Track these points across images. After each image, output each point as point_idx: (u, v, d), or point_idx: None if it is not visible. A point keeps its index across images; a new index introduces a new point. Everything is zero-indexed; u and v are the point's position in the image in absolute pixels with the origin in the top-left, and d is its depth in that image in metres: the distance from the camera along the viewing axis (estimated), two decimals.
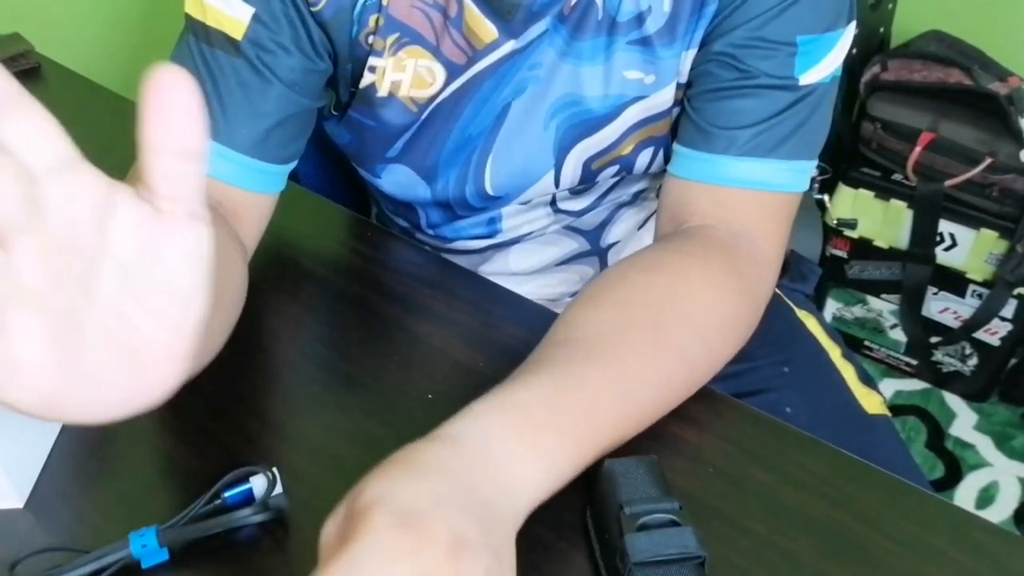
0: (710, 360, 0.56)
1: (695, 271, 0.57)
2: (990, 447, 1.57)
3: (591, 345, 0.50)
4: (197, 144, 0.30)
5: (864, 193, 1.59)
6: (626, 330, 0.52)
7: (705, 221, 0.62)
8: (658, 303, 0.54)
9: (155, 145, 0.30)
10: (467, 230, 0.76)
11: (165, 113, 0.29)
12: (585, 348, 0.50)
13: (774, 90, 0.60)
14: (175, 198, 0.31)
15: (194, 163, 0.31)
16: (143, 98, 0.29)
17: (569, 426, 0.46)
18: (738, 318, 0.58)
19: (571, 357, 0.49)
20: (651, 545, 0.43)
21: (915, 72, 1.52)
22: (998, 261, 1.51)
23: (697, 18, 0.61)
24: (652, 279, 0.56)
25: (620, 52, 0.63)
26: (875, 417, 0.72)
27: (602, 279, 0.57)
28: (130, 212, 0.31)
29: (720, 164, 0.62)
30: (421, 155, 0.68)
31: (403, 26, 0.61)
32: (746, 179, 0.61)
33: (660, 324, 0.53)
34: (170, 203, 0.31)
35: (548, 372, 0.48)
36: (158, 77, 0.29)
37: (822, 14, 0.60)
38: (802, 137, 0.62)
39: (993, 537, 0.49)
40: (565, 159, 0.69)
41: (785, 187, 0.62)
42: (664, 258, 0.59)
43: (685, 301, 0.55)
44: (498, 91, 0.65)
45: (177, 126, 0.30)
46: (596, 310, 0.54)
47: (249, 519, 0.49)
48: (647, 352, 0.52)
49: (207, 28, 0.59)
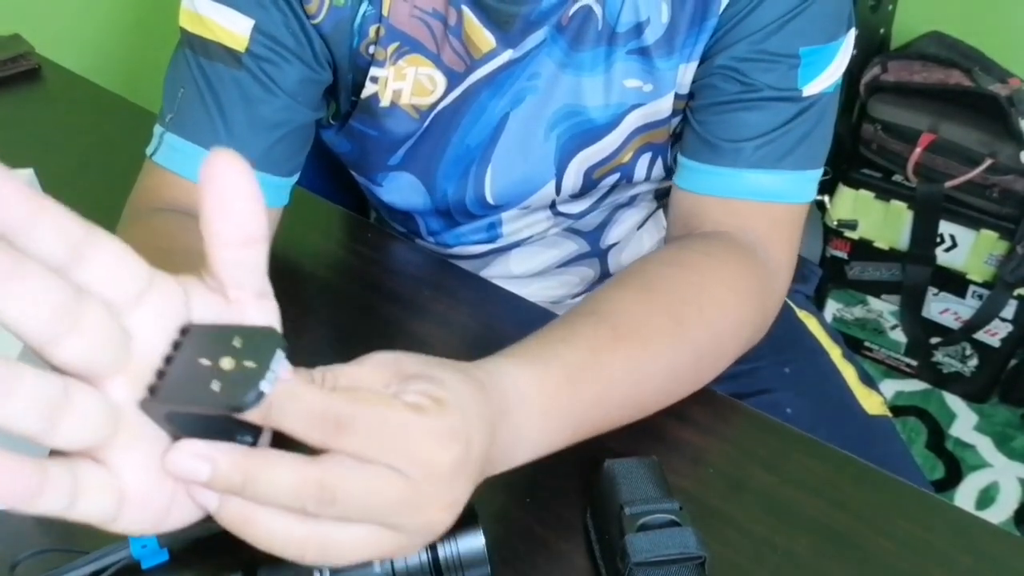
0: (719, 359, 0.57)
1: (714, 271, 0.58)
2: (990, 448, 1.57)
3: (617, 322, 0.51)
4: (259, 229, 0.31)
5: (864, 194, 1.59)
6: (649, 315, 0.53)
7: (719, 228, 0.62)
8: (680, 296, 0.55)
9: (218, 238, 0.31)
10: (467, 236, 0.76)
11: (225, 203, 0.30)
12: (611, 324, 0.51)
13: (778, 102, 0.60)
14: (242, 285, 0.32)
15: (258, 248, 0.31)
16: (202, 190, 0.30)
17: (580, 410, 0.47)
18: (749, 321, 0.59)
19: (598, 334, 0.50)
20: (651, 545, 0.43)
21: (915, 73, 1.52)
22: (998, 262, 1.51)
23: (697, 31, 0.61)
24: (676, 272, 0.57)
25: (620, 62, 0.63)
26: (876, 418, 0.72)
27: (627, 269, 0.58)
28: (206, 309, 0.31)
29: (727, 177, 0.62)
30: (422, 163, 0.68)
31: (403, 35, 0.61)
32: (754, 191, 0.62)
33: (680, 316, 0.53)
34: (237, 291, 0.32)
35: (576, 346, 0.48)
36: (213, 164, 0.29)
37: (824, 25, 0.60)
38: (808, 147, 0.62)
39: (993, 538, 0.49)
40: (566, 169, 0.69)
41: (792, 198, 0.63)
42: (686, 256, 0.59)
43: (704, 298, 0.55)
44: (495, 101, 0.65)
45: (237, 215, 0.30)
46: (623, 291, 0.55)
47: None
48: (665, 341, 0.52)
49: (206, 41, 0.58)
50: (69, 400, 0.27)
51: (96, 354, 0.28)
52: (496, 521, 0.50)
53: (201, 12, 0.58)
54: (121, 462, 0.30)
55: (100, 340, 0.27)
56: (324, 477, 0.32)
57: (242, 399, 0.29)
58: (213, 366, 0.30)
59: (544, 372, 0.45)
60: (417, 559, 0.44)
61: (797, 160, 0.62)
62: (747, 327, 0.59)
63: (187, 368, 0.30)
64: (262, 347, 0.30)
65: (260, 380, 0.29)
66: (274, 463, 0.32)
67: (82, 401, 0.27)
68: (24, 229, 0.26)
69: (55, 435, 0.27)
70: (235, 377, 0.30)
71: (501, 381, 0.43)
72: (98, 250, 0.28)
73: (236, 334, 0.31)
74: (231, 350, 0.30)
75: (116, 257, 0.28)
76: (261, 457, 0.32)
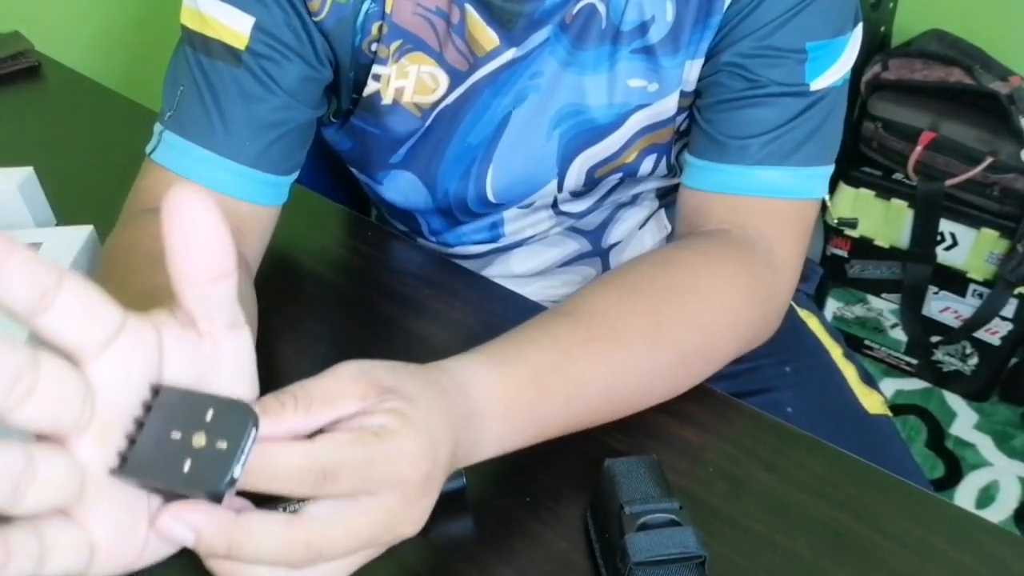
0: (710, 357, 0.56)
1: (706, 269, 0.57)
2: (990, 447, 1.57)
3: (592, 322, 0.51)
4: (227, 265, 0.31)
5: (865, 192, 1.59)
6: (627, 315, 0.53)
7: (721, 226, 0.62)
8: (663, 295, 0.55)
9: (185, 277, 0.30)
10: (469, 235, 0.76)
11: (189, 242, 0.30)
12: (586, 325, 0.51)
13: (785, 97, 0.60)
14: (213, 319, 0.32)
15: (226, 282, 0.31)
16: (164, 227, 0.29)
17: (547, 410, 0.48)
18: (747, 319, 0.58)
19: (572, 334, 0.50)
20: (651, 545, 0.43)
21: (916, 71, 1.52)
22: (999, 260, 1.51)
23: (702, 28, 0.61)
24: (662, 272, 0.57)
25: (624, 61, 0.63)
26: (876, 417, 0.72)
27: (616, 268, 0.58)
28: (179, 345, 0.32)
29: (734, 174, 0.62)
30: (424, 162, 0.68)
31: (406, 33, 0.61)
32: (761, 187, 0.61)
33: (660, 315, 0.53)
34: (207, 324, 0.32)
35: (545, 347, 0.49)
36: (173, 204, 0.29)
37: (830, 20, 0.60)
38: (817, 142, 0.62)
39: (993, 537, 0.49)
40: (568, 168, 0.69)
41: (801, 194, 0.62)
42: (678, 255, 0.59)
43: (690, 296, 0.55)
44: (498, 100, 0.65)
45: (204, 254, 0.30)
46: (603, 289, 0.55)
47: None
48: (643, 341, 0.52)
49: (206, 39, 0.58)
50: (34, 470, 0.27)
51: (57, 415, 0.28)
52: (496, 521, 0.50)
53: (202, 9, 0.58)
54: (91, 516, 0.30)
55: (60, 401, 0.27)
56: (310, 537, 0.33)
57: (214, 487, 0.29)
58: (184, 441, 0.30)
59: (509, 373, 0.46)
60: None
61: (806, 156, 0.61)
62: (745, 325, 0.59)
63: (158, 439, 0.30)
64: (234, 424, 0.30)
65: (233, 464, 0.29)
66: (258, 530, 0.33)
67: (47, 469, 0.27)
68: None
69: (21, 504, 0.27)
70: (207, 458, 0.30)
71: (466, 384, 0.44)
72: (66, 296, 0.28)
73: (209, 405, 0.31)
74: (203, 424, 0.30)
75: (84, 304, 0.28)
76: (245, 524, 0.32)
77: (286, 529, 0.33)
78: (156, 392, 0.31)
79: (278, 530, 0.33)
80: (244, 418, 0.30)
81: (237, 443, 0.29)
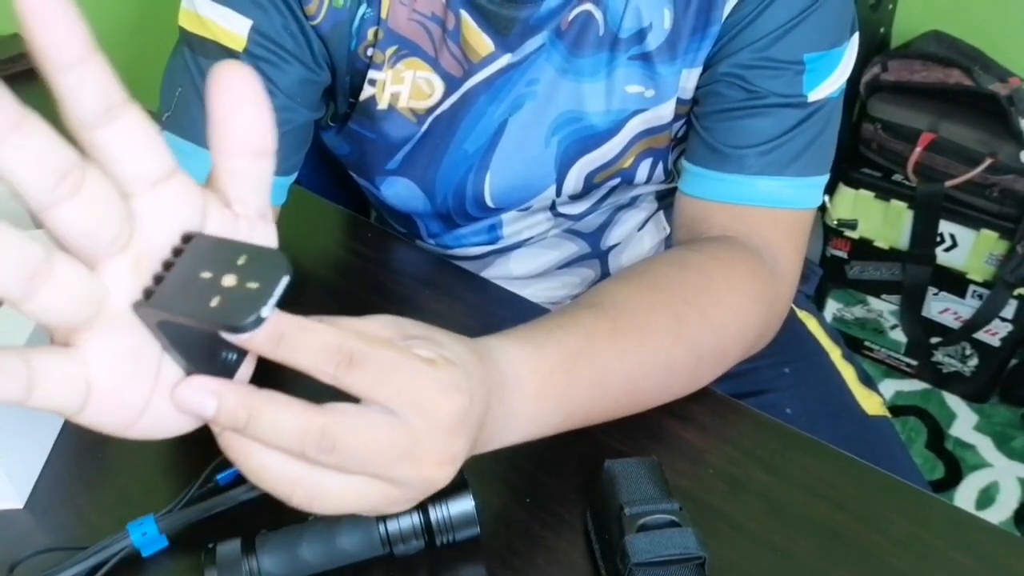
0: (720, 359, 0.57)
1: (720, 273, 0.58)
2: (990, 448, 1.57)
3: (616, 315, 0.51)
4: (267, 144, 0.31)
5: (864, 194, 1.59)
6: (651, 312, 0.53)
7: (725, 232, 0.63)
8: (683, 295, 0.55)
9: (225, 147, 0.30)
10: (468, 238, 0.76)
11: (233, 111, 0.29)
12: (611, 317, 0.51)
13: (784, 108, 0.60)
14: (246, 201, 0.32)
15: (265, 161, 0.31)
16: (210, 100, 0.29)
17: (573, 395, 0.48)
18: (754, 325, 0.59)
19: (597, 325, 0.50)
20: (651, 546, 0.43)
21: (915, 72, 1.52)
22: (998, 262, 1.51)
23: (700, 38, 0.61)
24: (680, 273, 0.57)
25: (621, 68, 0.63)
26: (875, 418, 0.72)
27: (633, 267, 0.58)
28: (219, 217, 0.31)
29: (734, 183, 0.62)
30: (421, 168, 0.68)
31: (402, 39, 0.61)
32: (760, 197, 0.62)
33: (682, 316, 0.54)
34: (241, 206, 0.32)
35: (574, 333, 0.49)
36: (221, 73, 0.29)
37: (828, 31, 0.60)
38: (814, 153, 0.62)
39: (993, 538, 0.49)
40: (567, 173, 0.69)
41: (800, 203, 0.63)
42: (693, 258, 0.59)
43: (708, 300, 0.56)
44: (494, 107, 0.65)
45: (246, 126, 0.30)
46: (625, 285, 0.55)
47: (243, 496, 0.49)
48: (664, 338, 0.52)
49: (204, 41, 0.58)
50: (51, 268, 0.26)
51: (97, 224, 0.27)
52: (496, 521, 0.50)
53: (200, 12, 0.58)
54: (96, 349, 0.29)
55: (100, 212, 0.27)
56: (327, 424, 0.32)
57: (241, 320, 0.28)
58: (214, 280, 0.29)
59: (540, 354, 0.46)
60: (409, 521, 0.45)
61: (803, 166, 0.62)
62: (752, 330, 0.59)
63: (187, 278, 0.29)
64: (268, 270, 0.29)
65: (262, 304, 0.28)
66: (279, 405, 0.32)
67: (65, 272, 0.26)
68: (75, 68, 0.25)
69: (32, 301, 0.26)
70: (236, 296, 0.28)
71: (498, 358, 0.43)
72: (130, 121, 0.27)
73: (243, 252, 0.29)
74: (235, 267, 0.29)
75: (145, 135, 0.28)
76: (267, 398, 0.32)
77: (305, 409, 0.32)
78: (188, 240, 0.30)
79: (297, 408, 0.32)
80: (278, 264, 0.29)
81: (269, 285, 0.28)
